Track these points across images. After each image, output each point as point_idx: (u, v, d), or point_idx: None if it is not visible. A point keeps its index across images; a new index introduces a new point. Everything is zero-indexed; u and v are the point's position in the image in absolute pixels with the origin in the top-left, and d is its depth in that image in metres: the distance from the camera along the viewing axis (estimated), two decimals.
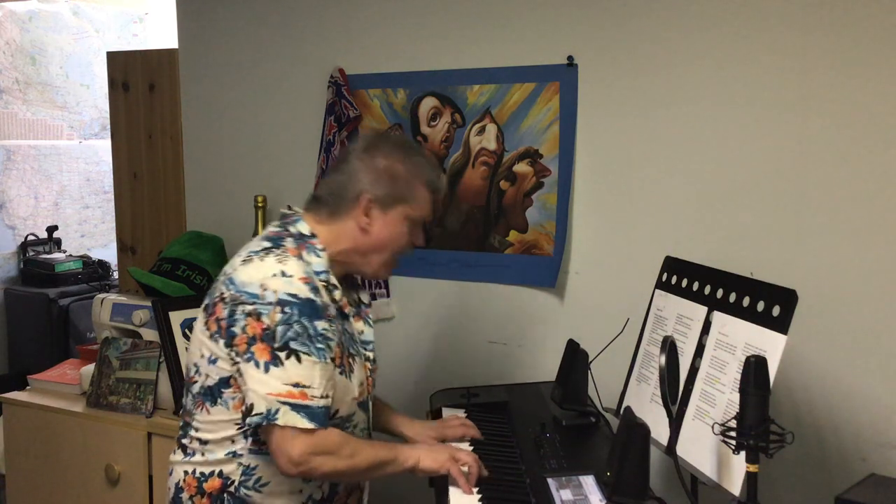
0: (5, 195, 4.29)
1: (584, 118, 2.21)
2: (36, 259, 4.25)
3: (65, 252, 4.43)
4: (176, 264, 2.52)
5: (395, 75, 2.47)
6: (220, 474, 1.54)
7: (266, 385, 1.42)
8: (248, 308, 1.45)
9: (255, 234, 2.61)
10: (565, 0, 2.20)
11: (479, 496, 1.50)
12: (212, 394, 1.52)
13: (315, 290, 1.49)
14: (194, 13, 2.83)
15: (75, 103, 4.63)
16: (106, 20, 4.74)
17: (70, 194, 4.61)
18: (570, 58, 2.21)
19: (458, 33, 2.37)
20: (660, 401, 1.45)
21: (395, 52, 2.47)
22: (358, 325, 1.68)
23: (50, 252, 4.37)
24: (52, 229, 4.42)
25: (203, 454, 1.56)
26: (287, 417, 1.42)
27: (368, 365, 1.68)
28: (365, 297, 1.73)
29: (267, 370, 1.43)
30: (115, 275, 4.14)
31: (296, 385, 1.43)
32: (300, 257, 1.53)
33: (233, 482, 1.54)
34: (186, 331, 2.32)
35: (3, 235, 4.29)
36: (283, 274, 1.47)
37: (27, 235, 4.37)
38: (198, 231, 2.72)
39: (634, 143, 2.15)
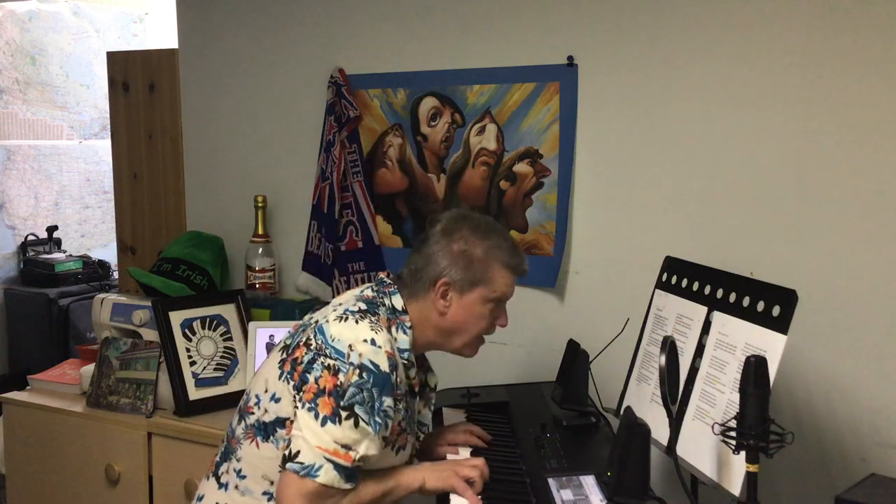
0: (5, 195, 4.29)
1: (584, 118, 2.21)
2: (36, 259, 4.25)
3: (65, 252, 4.43)
4: (176, 264, 2.52)
5: (395, 75, 2.47)
6: None
7: (319, 438, 1.43)
8: (330, 362, 1.47)
9: (256, 233, 2.62)
10: (565, 0, 2.20)
11: (480, 496, 1.51)
12: (265, 430, 1.53)
13: (395, 367, 1.50)
14: (194, 13, 2.83)
15: (75, 103, 4.63)
16: (106, 20, 4.74)
17: (70, 194, 4.61)
18: (570, 58, 2.21)
19: (458, 33, 2.37)
20: (660, 401, 1.45)
21: (395, 52, 2.47)
22: (419, 405, 1.69)
23: (50, 252, 4.37)
24: (52, 229, 4.42)
25: (238, 488, 1.56)
26: (328, 476, 1.42)
27: (416, 444, 1.71)
28: (432, 381, 1.75)
29: (324, 424, 1.43)
30: (115, 275, 4.14)
31: (344, 446, 1.44)
32: (389, 331, 1.55)
33: None
34: (186, 331, 2.32)
35: (3, 235, 4.29)
36: (373, 342, 1.48)
37: (27, 235, 4.36)
38: (198, 231, 2.72)
39: (634, 142, 2.15)
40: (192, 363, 2.30)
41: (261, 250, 2.62)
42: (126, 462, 2.29)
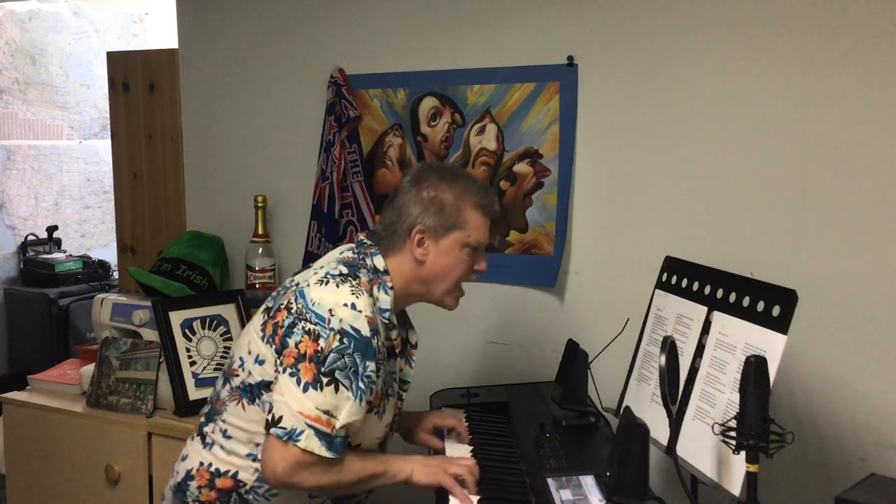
0: (5, 195, 4.29)
1: (584, 118, 2.21)
2: (36, 259, 4.25)
3: (65, 252, 4.43)
4: (176, 264, 2.52)
5: (395, 75, 2.47)
6: (235, 476, 1.56)
7: (300, 403, 1.44)
8: (310, 327, 1.47)
9: (256, 233, 2.61)
10: (565, 0, 2.20)
11: (479, 497, 1.50)
12: (251, 392, 1.54)
13: (376, 331, 1.50)
14: (194, 13, 2.83)
15: (75, 103, 4.63)
16: (106, 20, 4.74)
17: (70, 194, 4.61)
18: (570, 58, 2.21)
19: (458, 33, 2.37)
20: (660, 401, 1.45)
21: (395, 52, 2.47)
22: (400, 363, 1.70)
23: (50, 252, 4.37)
24: (52, 229, 4.42)
25: (223, 448, 1.57)
26: (309, 442, 1.43)
27: (399, 404, 1.71)
28: (413, 338, 1.76)
29: (306, 390, 1.44)
30: (115, 275, 4.14)
31: (325, 412, 1.44)
32: (371, 293, 1.55)
33: (244, 485, 1.56)
34: (186, 331, 2.32)
35: (3, 235, 4.29)
36: (354, 307, 1.48)
37: (27, 235, 4.36)
38: (198, 231, 2.73)
39: (634, 142, 2.15)
40: (192, 363, 2.30)
41: (261, 250, 2.62)
42: (126, 462, 2.29)
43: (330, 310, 1.47)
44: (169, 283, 2.44)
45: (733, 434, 1.27)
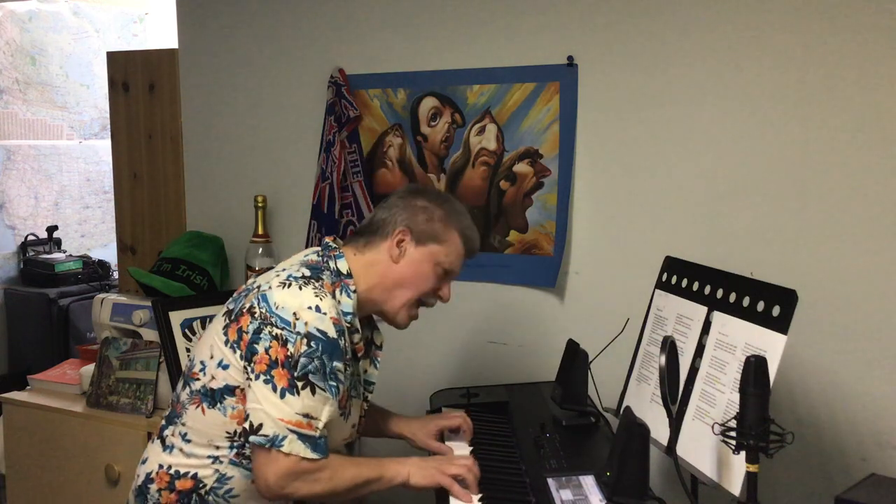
0: (5, 195, 4.29)
1: (584, 118, 2.21)
2: (36, 259, 4.25)
3: (65, 252, 4.43)
4: (176, 264, 2.52)
5: (395, 75, 2.47)
6: (195, 476, 1.55)
7: (280, 410, 1.43)
8: (277, 331, 1.46)
9: (256, 233, 2.61)
10: (565, 0, 2.20)
11: (479, 496, 1.50)
12: (212, 396, 1.53)
13: (341, 332, 1.50)
14: (194, 13, 2.83)
15: (75, 103, 4.63)
16: (106, 20, 4.74)
17: (70, 194, 4.61)
18: (570, 58, 2.21)
19: (458, 33, 2.37)
20: (660, 401, 1.45)
21: (395, 52, 2.47)
22: (364, 364, 1.69)
23: (50, 252, 4.37)
24: (52, 229, 4.42)
25: (182, 451, 1.56)
26: (293, 446, 1.43)
27: (364, 405, 1.71)
28: (378, 339, 1.75)
29: (283, 396, 1.44)
30: (115, 275, 4.14)
31: (305, 415, 1.44)
32: (333, 295, 1.54)
33: (204, 486, 1.55)
34: (186, 331, 2.32)
35: (3, 235, 4.29)
36: (318, 309, 1.47)
37: (27, 235, 4.36)
38: (198, 231, 2.73)
39: (634, 142, 2.15)
40: None
41: (261, 250, 2.62)
42: (126, 462, 2.28)
43: (294, 313, 1.47)
44: (169, 283, 2.44)
45: (733, 434, 1.27)
